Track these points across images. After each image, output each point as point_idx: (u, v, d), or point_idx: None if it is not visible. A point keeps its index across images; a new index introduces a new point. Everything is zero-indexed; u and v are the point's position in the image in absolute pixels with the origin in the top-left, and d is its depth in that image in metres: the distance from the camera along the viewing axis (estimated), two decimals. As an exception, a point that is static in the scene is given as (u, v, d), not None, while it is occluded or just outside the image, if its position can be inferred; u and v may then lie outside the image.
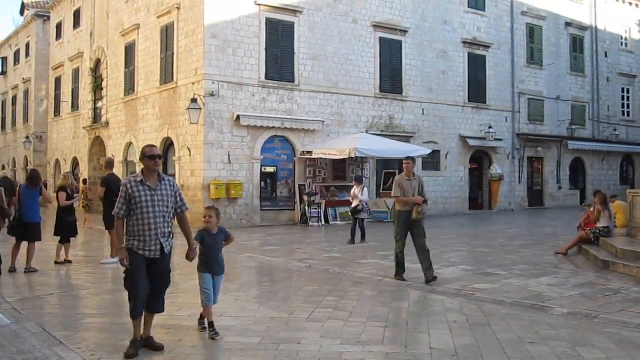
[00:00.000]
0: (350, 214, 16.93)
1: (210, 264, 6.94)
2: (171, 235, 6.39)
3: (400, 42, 25.99)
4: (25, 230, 11.78)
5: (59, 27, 35.95)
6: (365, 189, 16.55)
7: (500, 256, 13.27)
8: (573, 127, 32.46)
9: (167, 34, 23.48)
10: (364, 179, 17.45)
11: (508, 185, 30.10)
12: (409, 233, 10.26)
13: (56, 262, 12.59)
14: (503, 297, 8.72)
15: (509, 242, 16.15)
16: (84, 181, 26.04)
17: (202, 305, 6.88)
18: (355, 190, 16.13)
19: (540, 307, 8.14)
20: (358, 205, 15.91)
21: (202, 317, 6.98)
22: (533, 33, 31.44)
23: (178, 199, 6.44)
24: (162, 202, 6.22)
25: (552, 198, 32.42)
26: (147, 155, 6.23)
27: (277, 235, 18.72)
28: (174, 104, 22.90)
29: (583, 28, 33.97)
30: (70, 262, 12.79)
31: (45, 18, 39.32)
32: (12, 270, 11.55)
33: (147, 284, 6.13)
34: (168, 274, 6.40)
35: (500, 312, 7.91)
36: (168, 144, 23.76)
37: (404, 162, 10.65)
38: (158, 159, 6.28)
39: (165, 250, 6.26)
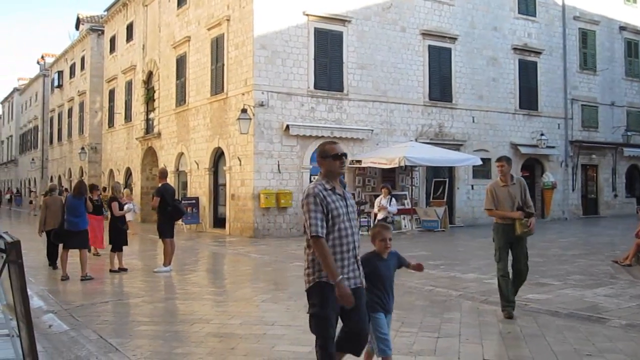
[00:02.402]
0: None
1: (382, 297, 5.24)
2: None
3: (449, 50, 25.82)
4: (71, 238, 12.16)
5: (112, 40, 36.85)
6: (394, 199, 15.13)
7: (554, 266, 13.00)
8: (628, 133, 31.70)
9: (217, 45, 23.82)
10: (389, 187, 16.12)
11: (561, 194, 29.54)
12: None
13: (111, 270, 12.86)
14: (558, 308, 8.54)
15: (563, 251, 15.82)
16: (104, 189, 25.50)
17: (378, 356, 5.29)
18: (382, 200, 14.57)
19: (597, 318, 7.94)
20: (387, 217, 14.46)
21: None
22: (586, 38, 30.86)
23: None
24: (353, 213, 4.83)
25: (607, 206, 31.67)
26: (331, 155, 4.79)
27: (327, 244, 18.68)
28: (224, 114, 23.19)
29: (638, 32, 33.16)
30: (125, 270, 13.05)
31: (100, 32, 40.39)
32: (65, 278, 11.89)
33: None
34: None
35: (554, 323, 7.74)
36: (218, 154, 24.08)
37: (497, 163, 8.31)
38: (345, 158, 4.88)
39: (362, 277, 4.84)
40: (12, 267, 4.01)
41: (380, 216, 14.44)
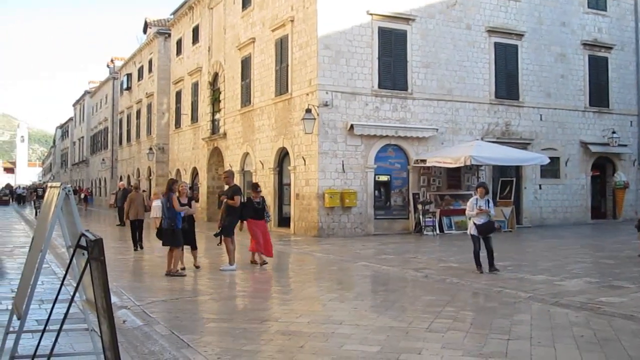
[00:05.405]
0: (481, 232, 12.33)
1: None
2: None
3: (516, 47, 25.32)
4: (164, 236, 12.81)
5: (179, 43, 37.60)
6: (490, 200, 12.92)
7: (628, 268, 12.60)
8: None
9: (281, 46, 24.02)
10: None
11: (634, 194, 28.57)
12: None
13: (166, 273, 12.64)
14: (633, 312, 8.27)
15: (637, 253, 15.30)
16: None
17: None
18: (480, 201, 12.33)
19: (676, 323, 7.67)
20: (493, 221, 12.51)
21: None
22: (660, 32, 29.77)
23: None
24: None
25: (683, 206, 30.49)
26: None
27: (392, 244, 18.66)
28: (288, 114, 23.37)
29: None
30: (198, 267, 13.40)
31: (166, 35, 41.27)
32: (168, 273, 12.48)
33: None
34: None
35: (630, 328, 7.52)
36: (283, 154, 24.27)
37: None
38: None
39: None
40: (95, 264, 4.16)
41: (479, 220, 12.31)
